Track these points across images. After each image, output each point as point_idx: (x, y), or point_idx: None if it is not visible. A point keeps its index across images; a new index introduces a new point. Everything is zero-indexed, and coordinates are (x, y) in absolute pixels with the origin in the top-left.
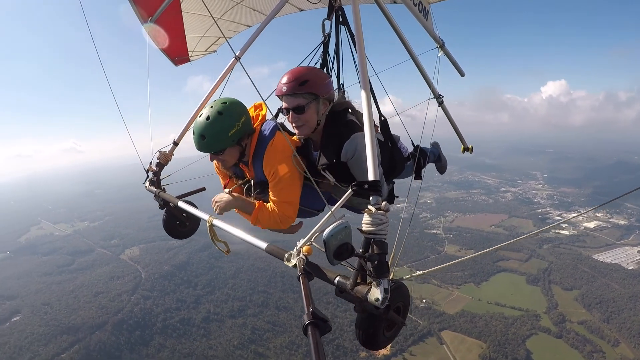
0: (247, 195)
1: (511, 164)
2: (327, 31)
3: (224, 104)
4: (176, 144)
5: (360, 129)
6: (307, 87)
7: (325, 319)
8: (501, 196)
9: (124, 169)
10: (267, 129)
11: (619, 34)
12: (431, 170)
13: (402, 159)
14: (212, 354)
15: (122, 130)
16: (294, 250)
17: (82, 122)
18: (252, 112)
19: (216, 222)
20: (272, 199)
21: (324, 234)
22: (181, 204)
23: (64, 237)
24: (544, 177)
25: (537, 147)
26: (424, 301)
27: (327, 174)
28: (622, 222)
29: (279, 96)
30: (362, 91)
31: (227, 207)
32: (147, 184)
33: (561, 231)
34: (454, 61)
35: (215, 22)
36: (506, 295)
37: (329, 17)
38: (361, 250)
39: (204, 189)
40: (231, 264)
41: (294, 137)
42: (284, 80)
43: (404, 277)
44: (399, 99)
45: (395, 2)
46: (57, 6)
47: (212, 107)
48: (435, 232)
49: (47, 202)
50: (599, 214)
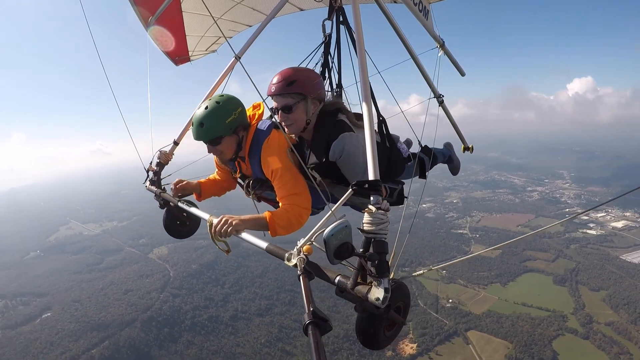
0: (247, 191)
1: (538, 163)
2: (327, 31)
3: (221, 96)
4: (176, 143)
5: (349, 129)
6: (295, 87)
7: (325, 319)
8: (528, 195)
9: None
10: (263, 126)
11: None
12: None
13: (401, 160)
14: (240, 351)
15: (148, 132)
16: (294, 249)
17: (108, 124)
18: (250, 111)
19: (216, 222)
20: (280, 198)
21: (324, 233)
22: (181, 204)
23: (93, 236)
24: (571, 176)
25: (564, 146)
26: (450, 301)
27: (314, 172)
28: None
29: (270, 96)
30: (362, 91)
31: (241, 228)
32: (148, 183)
33: (589, 231)
34: (454, 61)
35: (215, 21)
36: (533, 295)
37: (329, 17)
38: (361, 249)
39: None
40: (258, 263)
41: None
42: (274, 80)
43: (404, 277)
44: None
45: (395, 2)
46: (79, 8)
47: (210, 99)
48: (461, 232)
49: (75, 203)
50: (627, 214)
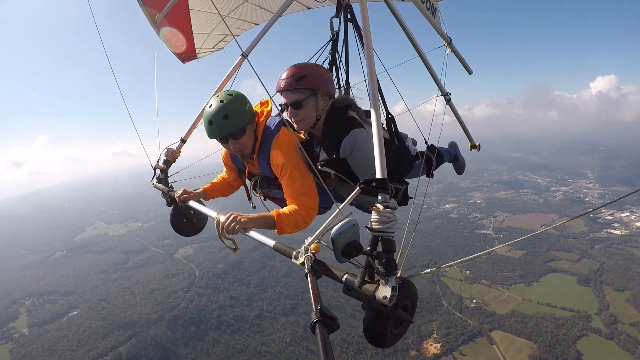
0: (254, 189)
1: (561, 162)
2: (335, 29)
3: (227, 91)
4: (184, 141)
5: (359, 126)
6: (305, 83)
7: (333, 317)
8: (552, 196)
9: (172, 171)
10: (272, 124)
11: None
12: (481, 169)
13: (410, 158)
14: (265, 350)
15: (170, 135)
16: (302, 248)
17: (131, 128)
18: (257, 108)
19: (223, 219)
20: (288, 196)
21: (332, 232)
22: (189, 202)
23: (119, 237)
24: (595, 176)
25: (587, 145)
26: (474, 301)
27: (326, 168)
28: None
29: (279, 92)
30: (370, 88)
31: (248, 226)
32: (155, 181)
33: (613, 231)
34: (461, 59)
35: (223, 19)
36: (557, 296)
37: (337, 15)
38: (369, 248)
39: None
40: (283, 264)
41: (299, 133)
42: (283, 76)
43: (411, 275)
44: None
45: (403, 0)
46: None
47: (217, 96)
48: (485, 232)
49: (100, 204)
50: None
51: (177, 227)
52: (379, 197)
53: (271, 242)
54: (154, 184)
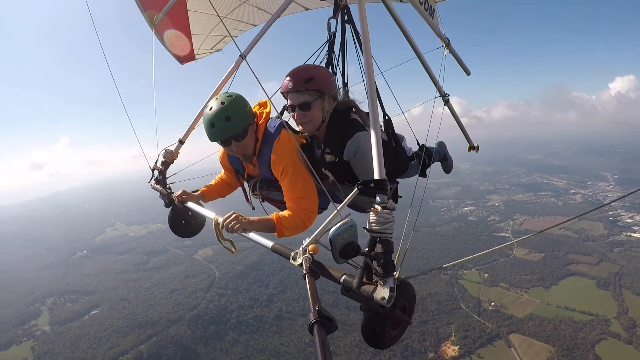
0: (253, 192)
1: (580, 165)
2: (332, 30)
3: (226, 93)
4: (182, 142)
5: (363, 128)
6: (313, 84)
7: (331, 318)
8: (570, 198)
9: (192, 173)
10: (272, 126)
11: None
12: (499, 172)
13: (406, 159)
14: (284, 350)
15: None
16: (300, 249)
17: (150, 130)
18: (256, 110)
19: (222, 219)
20: (288, 199)
21: (330, 232)
22: (187, 203)
23: (139, 237)
24: (614, 178)
25: (607, 147)
26: (492, 304)
27: (327, 172)
28: None
29: (283, 93)
30: (368, 90)
31: (248, 228)
32: (153, 182)
33: (633, 234)
34: (459, 60)
35: (221, 20)
36: (576, 299)
37: (334, 16)
38: (367, 249)
39: None
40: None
41: (299, 135)
42: (289, 77)
43: (409, 276)
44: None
45: (401, 1)
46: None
47: (217, 98)
48: (503, 235)
49: (120, 205)
50: None
51: (175, 228)
52: (378, 198)
53: (269, 243)
54: (152, 185)
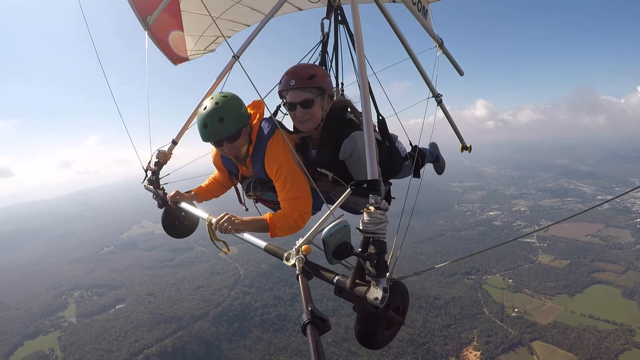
0: (247, 192)
1: (608, 170)
2: (325, 30)
3: (222, 92)
4: (175, 143)
5: (359, 128)
6: (315, 82)
7: (324, 319)
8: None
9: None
10: (266, 126)
11: None
12: (525, 176)
13: (400, 159)
14: (307, 349)
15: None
16: (293, 249)
17: (174, 131)
18: (249, 110)
19: (215, 220)
20: (282, 200)
21: (323, 233)
22: (180, 203)
23: (164, 235)
24: None
25: (635, 152)
26: (516, 310)
27: (324, 170)
28: None
29: (282, 92)
30: (361, 90)
31: (241, 228)
32: (146, 182)
33: None
34: (452, 60)
35: (214, 21)
36: (600, 308)
37: (327, 17)
38: (360, 249)
39: None
40: (326, 265)
41: (293, 136)
42: (292, 74)
43: (403, 277)
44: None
45: (394, 2)
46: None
47: (212, 98)
48: (529, 240)
49: (146, 204)
50: None
51: (169, 228)
52: (371, 198)
53: (262, 244)
54: (145, 185)
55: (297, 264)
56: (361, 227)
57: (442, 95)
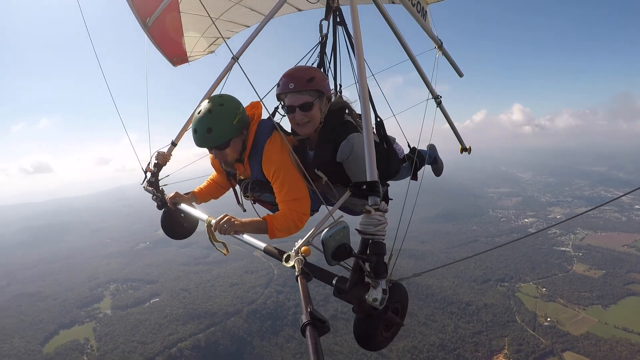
0: (245, 194)
1: None
2: (324, 31)
3: (221, 97)
4: (174, 144)
5: (356, 130)
6: (314, 84)
7: (323, 320)
8: (635, 214)
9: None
10: (263, 127)
11: None
12: (562, 183)
13: (398, 161)
14: (337, 350)
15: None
16: (292, 251)
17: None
18: (248, 111)
19: (215, 221)
20: (280, 201)
21: (322, 234)
22: (180, 205)
23: (199, 233)
24: None
25: None
26: (549, 320)
27: (320, 173)
28: None
29: (281, 94)
30: (360, 92)
31: (240, 229)
32: (145, 184)
33: None
34: (452, 61)
35: (213, 22)
36: (635, 320)
37: (326, 18)
38: (359, 251)
39: None
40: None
41: (291, 137)
42: (290, 77)
43: (402, 278)
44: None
45: (393, 3)
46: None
47: (209, 102)
48: (564, 249)
49: None
50: None
51: (168, 230)
52: (370, 200)
53: (262, 245)
54: (144, 187)
55: (296, 265)
56: (360, 229)
57: (441, 96)
